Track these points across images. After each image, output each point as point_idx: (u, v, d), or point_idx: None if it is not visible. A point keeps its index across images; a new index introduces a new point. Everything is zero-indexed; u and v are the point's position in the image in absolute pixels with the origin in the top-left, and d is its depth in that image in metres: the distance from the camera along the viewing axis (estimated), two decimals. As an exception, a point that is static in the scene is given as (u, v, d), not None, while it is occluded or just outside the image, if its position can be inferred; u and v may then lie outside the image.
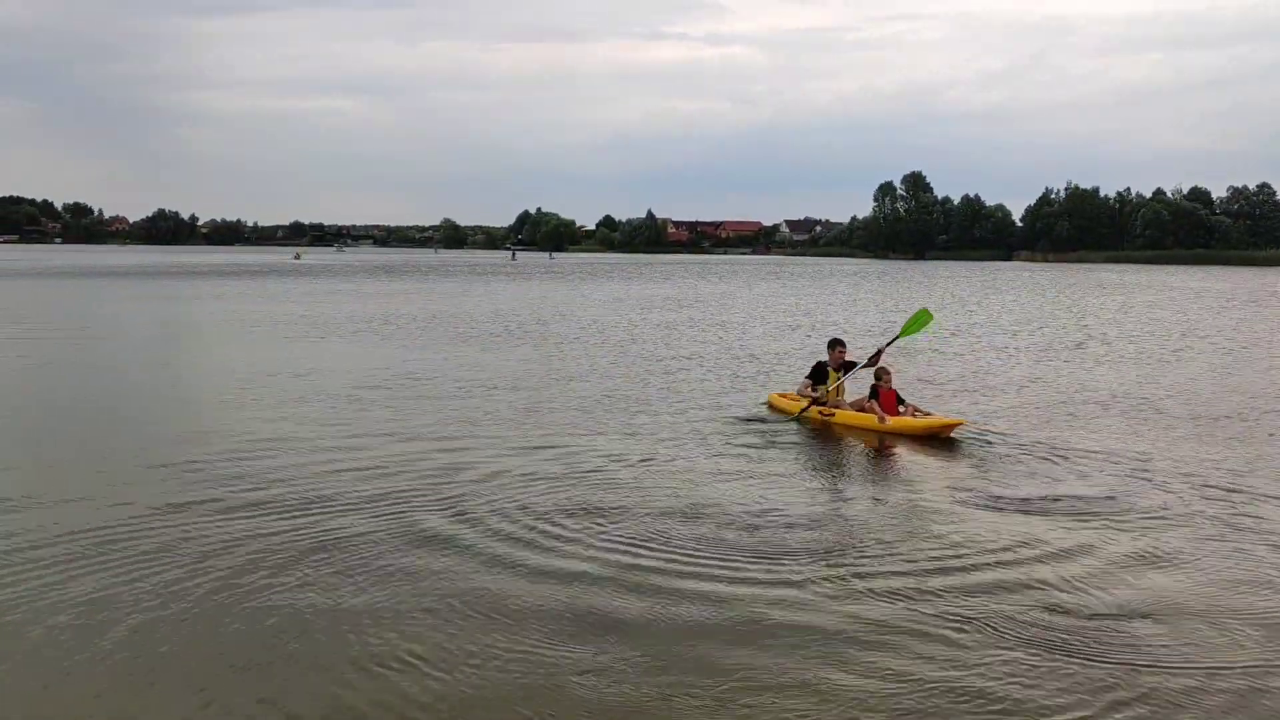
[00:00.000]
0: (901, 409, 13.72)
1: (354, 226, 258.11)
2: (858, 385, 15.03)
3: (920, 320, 15.10)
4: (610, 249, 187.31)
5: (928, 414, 13.76)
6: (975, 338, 27.39)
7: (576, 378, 18.67)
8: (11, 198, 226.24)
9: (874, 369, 14.25)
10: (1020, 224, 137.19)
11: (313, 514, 9.24)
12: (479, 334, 27.54)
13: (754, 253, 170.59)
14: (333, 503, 9.64)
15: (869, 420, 13.60)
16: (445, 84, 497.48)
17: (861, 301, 44.50)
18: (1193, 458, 12.05)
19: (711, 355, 22.70)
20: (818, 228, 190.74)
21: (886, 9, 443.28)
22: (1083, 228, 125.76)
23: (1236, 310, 39.47)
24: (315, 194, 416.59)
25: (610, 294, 49.38)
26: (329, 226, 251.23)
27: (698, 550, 8.32)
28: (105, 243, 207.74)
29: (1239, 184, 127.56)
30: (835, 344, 14.89)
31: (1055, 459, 11.96)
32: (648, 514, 9.40)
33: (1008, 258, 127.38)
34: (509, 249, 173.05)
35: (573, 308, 38.84)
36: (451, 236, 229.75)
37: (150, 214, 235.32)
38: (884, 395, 13.79)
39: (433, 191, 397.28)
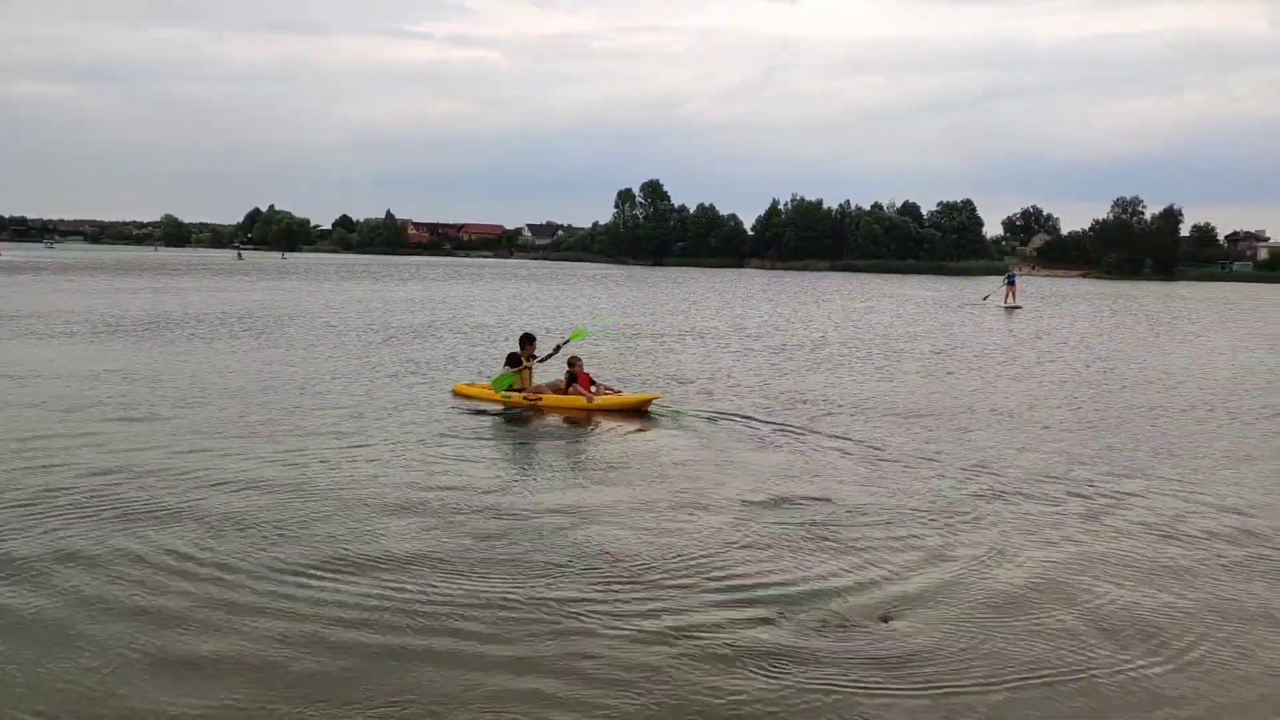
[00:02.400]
0: (593, 388, 15.47)
1: (62, 221, 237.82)
2: (548, 374, 16.79)
3: (581, 334, 17.36)
4: (347, 249, 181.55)
5: (618, 392, 15.65)
6: (719, 339, 28.44)
7: (302, 381, 18.01)
8: None
9: (566, 359, 15.98)
10: (751, 233, 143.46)
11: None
12: (207, 335, 26.06)
13: (496, 256, 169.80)
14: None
15: (578, 401, 15.24)
16: (173, 73, 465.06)
17: (603, 304, 45.22)
18: (924, 449, 13.00)
19: (464, 355, 22.47)
20: (560, 232, 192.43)
21: (633, 20, 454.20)
22: (808, 238, 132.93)
23: (945, 315, 42.92)
24: (16, 186, 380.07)
25: (350, 296, 47.92)
26: (33, 220, 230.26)
27: (402, 569, 7.77)
28: None
29: (948, 199, 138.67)
30: (528, 340, 16.80)
31: (796, 451, 12.61)
32: (346, 528, 8.80)
33: (740, 264, 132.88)
34: (235, 247, 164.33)
35: (308, 308, 37.41)
36: (174, 234, 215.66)
37: None
38: (581, 378, 15.58)
39: (154, 186, 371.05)
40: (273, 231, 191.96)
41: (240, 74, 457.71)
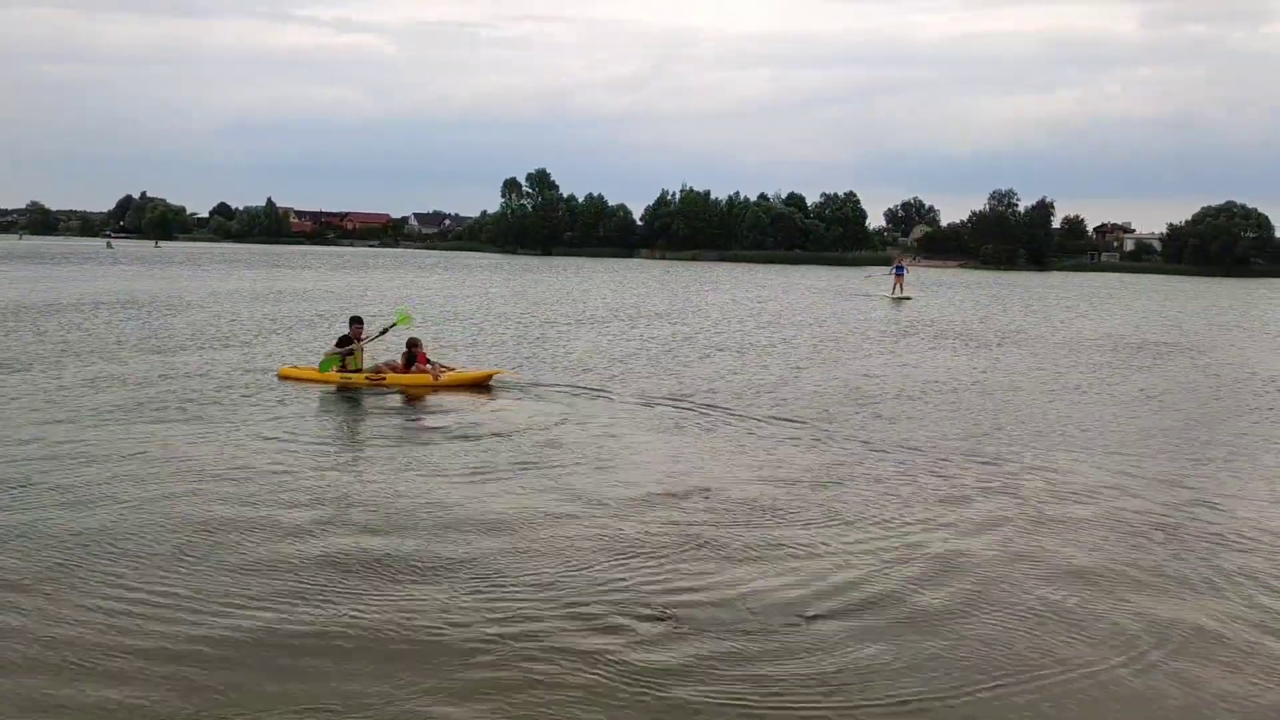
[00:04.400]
0: (429, 366, 16.25)
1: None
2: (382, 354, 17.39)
3: (403, 318, 17.92)
4: (226, 238, 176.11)
5: (451, 369, 16.51)
6: (613, 326, 28.39)
7: (180, 374, 17.39)
8: None
9: (405, 340, 16.75)
10: (641, 223, 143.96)
11: None
12: (80, 323, 24.95)
13: (382, 245, 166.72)
14: None
15: (424, 379, 15.96)
16: (41, 54, 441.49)
17: (495, 291, 44.80)
18: (829, 433, 13.15)
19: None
20: (447, 221, 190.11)
21: (522, 9, 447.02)
22: (697, 228, 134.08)
23: (835, 304, 43.72)
24: None
25: (231, 286, 46.49)
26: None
27: (226, 572, 7.17)
28: None
29: (832, 191, 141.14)
30: (355, 320, 17.27)
31: (697, 435, 12.64)
32: (174, 527, 8.15)
33: (630, 255, 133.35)
34: (105, 236, 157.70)
35: (186, 297, 36.16)
36: (40, 221, 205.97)
37: None
38: (420, 358, 16.35)
39: (19, 171, 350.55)
40: (146, 219, 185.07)
41: (114, 56, 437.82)
